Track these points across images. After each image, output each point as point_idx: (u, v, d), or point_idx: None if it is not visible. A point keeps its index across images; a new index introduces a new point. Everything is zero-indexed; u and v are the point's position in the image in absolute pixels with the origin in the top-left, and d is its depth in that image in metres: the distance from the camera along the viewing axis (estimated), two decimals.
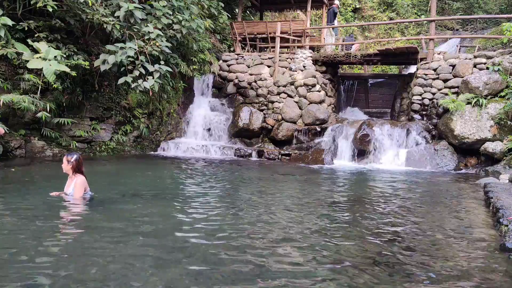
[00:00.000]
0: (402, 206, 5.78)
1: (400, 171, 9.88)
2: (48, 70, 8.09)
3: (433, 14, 12.54)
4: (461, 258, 3.52)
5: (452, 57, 12.10)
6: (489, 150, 10.08)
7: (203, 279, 2.80)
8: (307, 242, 3.76)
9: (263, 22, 15.40)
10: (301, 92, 13.17)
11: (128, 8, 9.19)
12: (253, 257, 3.28)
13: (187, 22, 10.50)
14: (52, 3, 8.29)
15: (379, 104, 16.39)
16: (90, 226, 4.00)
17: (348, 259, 3.34)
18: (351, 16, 23.06)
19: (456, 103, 10.66)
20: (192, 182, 7.21)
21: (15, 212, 4.43)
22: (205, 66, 13.12)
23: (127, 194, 5.67)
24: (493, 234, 4.28)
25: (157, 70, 9.67)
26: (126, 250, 3.34)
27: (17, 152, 8.96)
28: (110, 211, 4.66)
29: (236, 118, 12.76)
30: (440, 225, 4.71)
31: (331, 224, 4.53)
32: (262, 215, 4.78)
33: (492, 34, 17.19)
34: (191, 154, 11.58)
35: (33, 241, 3.46)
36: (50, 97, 9.25)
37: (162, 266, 3.01)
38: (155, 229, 4.02)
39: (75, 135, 10.03)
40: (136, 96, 10.71)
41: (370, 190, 7.18)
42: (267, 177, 8.20)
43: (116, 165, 9.16)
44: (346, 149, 11.47)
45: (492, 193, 5.80)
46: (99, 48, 10.18)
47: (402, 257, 3.47)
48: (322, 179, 8.46)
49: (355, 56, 13.35)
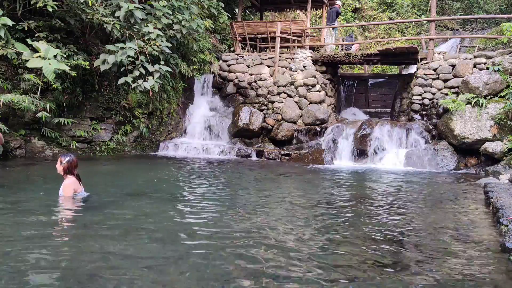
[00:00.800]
0: (402, 206, 5.78)
1: (400, 171, 9.87)
2: (47, 69, 8.08)
3: (433, 14, 12.54)
4: (461, 258, 3.52)
5: (452, 57, 12.10)
6: (489, 150, 10.08)
7: (203, 279, 2.80)
8: (307, 243, 3.76)
9: (263, 22, 15.40)
10: (301, 92, 13.17)
11: (128, 8, 9.19)
12: (252, 257, 3.28)
13: (187, 22, 10.51)
14: (52, 3, 8.29)
15: (379, 104, 16.40)
16: (89, 226, 3.99)
17: (348, 260, 3.34)
18: (351, 16, 23.06)
19: (456, 103, 10.66)
20: (192, 182, 7.21)
21: (10, 212, 4.43)
22: (205, 66, 13.12)
23: (126, 194, 5.67)
24: (493, 234, 4.28)
25: (157, 70, 9.68)
26: (125, 250, 3.33)
27: (17, 152, 8.97)
28: (109, 211, 4.66)
29: (236, 118, 12.76)
30: (440, 225, 4.71)
31: (331, 224, 4.53)
32: (261, 215, 4.78)
33: (492, 34, 17.20)
34: (191, 154, 11.57)
35: (27, 242, 3.45)
36: (50, 97, 9.25)
37: (162, 266, 3.01)
38: (155, 230, 4.01)
39: (75, 135, 10.03)
40: (136, 96, 10.71)
41: (370, 190, 7.18)
42: (267, 177, 8.20)
43: (116, 165, 9.16)
44: (346, 149, 11.47)
45: (492, 193, 5.80)
46: (99, 48, 10.18)
47: (402, 257, 3.47)
48: (322, 179, 8.46)
49: (355, 56, 13.35)
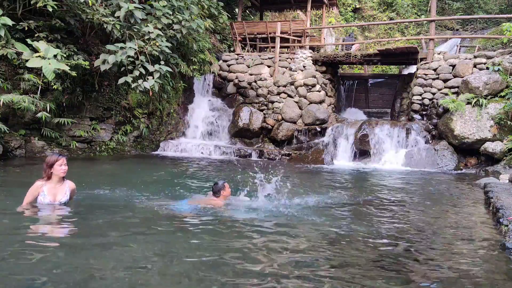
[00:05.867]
0: (402, 206, 5.78)
1: (400, 171, 9.87)
2: (47, 69, 8.07)
3: (433, 14, 12.54)
4: (461, 258, 3.52)
5: (452, 57, 12.10)
6: (489, 150, 10.08)
7: (202, 279, 2.79)
8: (306, 243, 3.76)
9: (263, 22, 15.40)
10: (301, 92, 13.17)
11: (128, 8, 9.18)
12: (252, 257, 3.27)
13: (187, 22, 10.50)
14: (52, 3, 8.29)
15: (379, 104, 16.40)
16: (87, 227, 3.99)
17: (348, 260, 3.34)
18: (351, 16, 23.07)
19: (456, 103, 10.66)
20: (192, 182, 7.20)
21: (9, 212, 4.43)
22: (205, 66, 13.11)
23: (126, 194, 5.66)
24: (493, 234, 4.28)
25: (157, 70, 9.67)
26: (124, 250, 3.33)
27: (17, 152, 8.97)
28: (109, 211, 4.65)
29: (236, 118, 12.76)
30: (440, 225, 4.71)
31: (330, 224, 4.53)
32: (261, 215, 4.77)
33: (492, 34, 17.21)
34: (191, 154, 11.57)
35: (22, 243, 3.45)
36: (50, 97, 9.24)
37: (162, 266, 3.01)
38: (155, 230, 4.01)
39: (75, 135, 10.02)
40: (136, 96, 10.71)
41: (370, 190, 7.17)
42: (266, 177, 8.18)
43: (116, 165, 9.16)
44: (346, 149, 11.47)
45: (492, 193, 5.80)
46: (99, 48, 10.18)
47: (402, 258, 3.47)
48: (322, 179, 8.45)
49: (355, 56, 13.35)
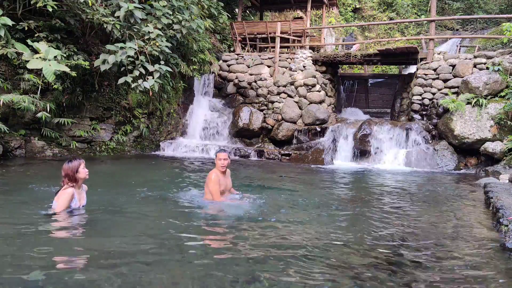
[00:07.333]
0: (402, 206, 5.77)
1: (400, 171, 9.87)
2: (47, 70, 8.08)
3: (433, 14, 12.54)
4: (460, 258, 3.52)
5: (452, 57, 12.10)
6: (489, 150, 10.08)
7: (202, 280, 2.80)
8: (306, 244, 3.76)
9: (263, 22, 15.40)
10: (301, 92, 13.17)
11: (128, 8, 9.19)
12: (252, 257, 3.27)
13: (187, 22, 10.50)
14: (52, 3, 8.29)
15: (379, 104, 16.40)
16: (88, 226, 4.00)
17: (348, 260, 3.34)
18: (351, 16, 23.07)
19: (456, 103, 10.66)
20: (192, 182, 7.20)
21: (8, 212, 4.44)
22: (205, 66, 13.11)
23: (126, 194, 5.66)
24: (493, 234, 4.28)
25: (157, 70, 9.67)
26: (123, 250, 3.34)
27: (17, 152, 8.97)
28: (109, 211, 4.66)
29: (236, 118, 12.76)
30: (440, 225, 4.71)
31: (330, 224, 4.53)
32: (260, 215, 4.77)
33: (492, 34, 17.22)
34: (191, 154, 11.57)
35: (26, 243, 3.46)
36: (50, 97, 9.25)
37: (161, 266, 3.01)
38: (155, 230, 4.01)
39: (75, 135, 10.02)
40: (136, 96, 10.71)
41: (370, 190, 7.17)
42: (266, 178, 8.19)
43: (116, 165, 9.15)
44: (346, 149, 11.47)
45: (492, 193, 5.80)
46: (99, 48, 10.18)
47: (402, 258, 3.47)
48: (322, 179, 8.45)
49: (355, 56, 13.35)
